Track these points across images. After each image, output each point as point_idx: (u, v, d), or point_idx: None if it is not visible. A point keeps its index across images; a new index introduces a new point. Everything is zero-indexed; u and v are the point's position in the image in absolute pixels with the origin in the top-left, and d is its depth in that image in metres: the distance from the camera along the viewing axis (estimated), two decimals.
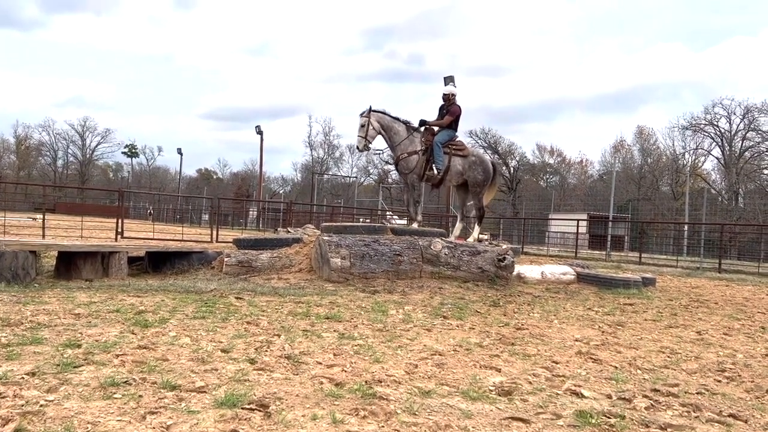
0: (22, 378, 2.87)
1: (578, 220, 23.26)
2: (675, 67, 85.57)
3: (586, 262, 13.02)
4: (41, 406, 2.52)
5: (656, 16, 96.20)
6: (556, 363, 3.98)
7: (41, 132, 75.94)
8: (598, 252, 23.19)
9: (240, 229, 27.92)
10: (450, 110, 9.80)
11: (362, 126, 9.51)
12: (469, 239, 9.81)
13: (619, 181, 41.82)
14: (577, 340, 4.85)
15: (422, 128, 9.74)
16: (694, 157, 49.95)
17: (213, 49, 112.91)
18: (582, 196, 53.90)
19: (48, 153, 77.67)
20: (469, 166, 9.77)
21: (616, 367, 3.97)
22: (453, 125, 9.81)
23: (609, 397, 3.24)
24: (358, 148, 9.79)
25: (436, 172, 9.53)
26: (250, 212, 42.33)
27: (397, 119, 9.69)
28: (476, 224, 10.18)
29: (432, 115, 10.03)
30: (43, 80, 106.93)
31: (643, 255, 19.65)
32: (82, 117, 78.77)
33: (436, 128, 9.74)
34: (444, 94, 9.94)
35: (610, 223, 24.58)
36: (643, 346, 4.79)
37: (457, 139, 9.95)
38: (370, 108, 9.58)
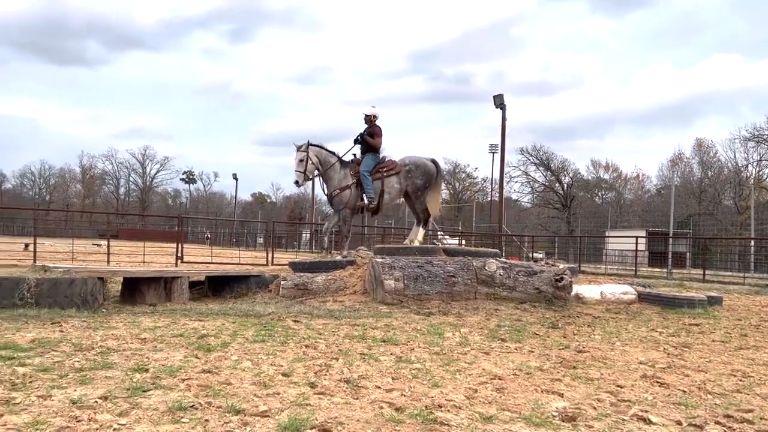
0: (96, 402, 2.98)
1: (637, 237, 22.61)
2: (731, 78, 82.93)
3: (646, 280, 12.62)
4: (114, 429, 2.61)
5: (709, 29, 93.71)
6: (621, 387, 3.87)
7: (104, 161, 79.75)
8: (658, 270, 22.43)
9: (294, 252, 28.33)
10: (374, 132, 9.79)
11: (301, 161, 9.59)
12: (405, 241, 9.84)
13: (679, 196, 40.46)
14: (641, 363, 4.70)
15: (351, 161, 9.80)
16: (758, 169, 47.98)
17: (266, 79, 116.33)
18: (639, 212, 52.43)
19: (111, 181, 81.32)
20: (404, 177, 9.73)
21: (684, 392, 3.83)
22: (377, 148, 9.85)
23: (679, 423, 3.12)
24: (296, 182, 9.76)
25: (366, 201, 9.54)
26: (303, 234, 42.91)
27: (333, 153, 9.81)
28: (420, 226, 10.09)
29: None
30: (106, 113, 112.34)
31: (706, 272, 18.90)
32: (142, 146, 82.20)
33: (361, 158, 9.81)
34: (366, 116, 9.94)
35: (671, 240, 23.77)
36: (712, 369, 4.60)
37: (386, 160, 9.90)
38: (309, 142, 9.64)
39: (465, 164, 66.09)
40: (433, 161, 10.10)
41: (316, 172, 9.78)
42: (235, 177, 60.05)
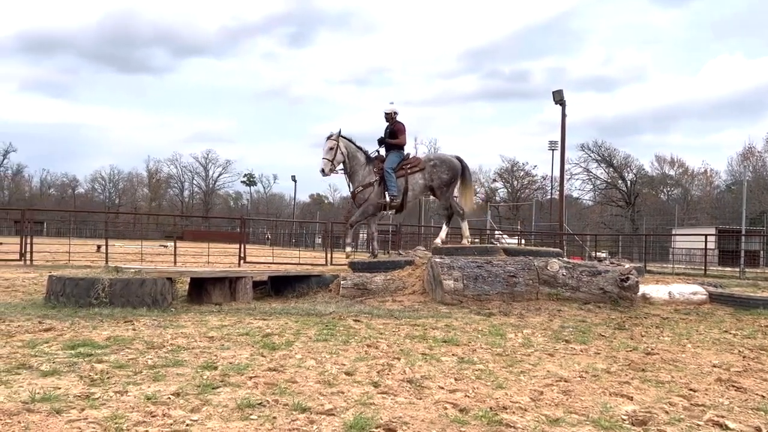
0: (169, 398, 3.09)
1: (706, 235, 21.71)
2: None
3: (717, 280, 12.10)
4: (187, 425, 2.70)
5: None
6: (694, 391, 3.72)
7: (170, 165, 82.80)
8: (729, 269, 21.44)
9: (351, 252, 28.49)
10: (397, 129, 9.66)
11: (330, 149, 9.46)
12: (462, 241, 10.05)
13: (751, 191, 38.52)
14: (715, 366, 4.51)
15: (375, 158, 9.72)
16: None
17: (324, 81, 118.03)
18: (708, 208, 50.31)
19: (176, 184, 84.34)
20: (429, 174, 9.63)
21: (763, 397, 3.65)
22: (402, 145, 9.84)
23: (758, 430, 2.98)
24: (323, 171, 9.62)
25: (388, 198, 9.41)
26: (360, 235, 43.20)
27: (360, 149, 9.68)
28: (444, 224, 10.38)
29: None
30: (171, 118, 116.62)
31: None
32: (205, 150, 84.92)
33: (385, 154, 9.76)
34: (386, 114, 9.82)
35: (743, 237, 22.69)
36: None
37: (411, 157, 9.85)
38: (340, 132, 9.52)
39: (523, 162, 65.07)
40: (458, 158, 10.12)
41: (341, 166, 9.82)
42: (293, 179, 61.23)
